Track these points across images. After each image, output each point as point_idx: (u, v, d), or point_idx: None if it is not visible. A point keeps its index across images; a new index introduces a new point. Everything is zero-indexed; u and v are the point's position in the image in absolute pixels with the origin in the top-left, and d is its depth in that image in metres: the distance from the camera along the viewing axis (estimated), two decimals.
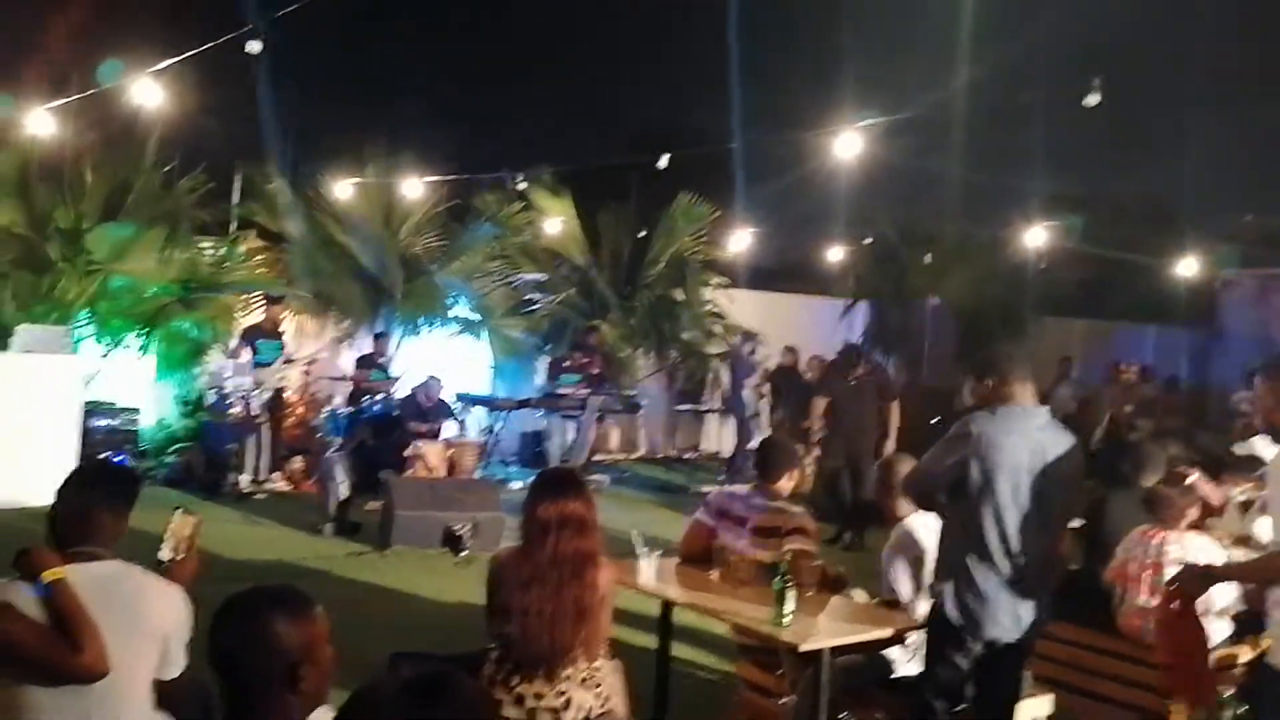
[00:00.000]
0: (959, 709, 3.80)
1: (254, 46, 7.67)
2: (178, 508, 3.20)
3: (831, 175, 11.58)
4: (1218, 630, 5.16)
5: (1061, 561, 3.91)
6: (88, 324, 10.44)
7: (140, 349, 10.65)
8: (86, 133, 10.45)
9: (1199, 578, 3.96)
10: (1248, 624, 4.70)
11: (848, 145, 8.55)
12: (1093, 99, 7.42)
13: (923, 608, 4.13)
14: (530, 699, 3.27)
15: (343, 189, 11.85)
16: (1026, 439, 3.70)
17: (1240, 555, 5.20)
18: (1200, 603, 5.02)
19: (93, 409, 9.75)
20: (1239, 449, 6.51)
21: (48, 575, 2.68)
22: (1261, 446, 6.13)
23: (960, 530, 3.73)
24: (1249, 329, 17.37)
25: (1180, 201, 18.72)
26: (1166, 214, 18.45)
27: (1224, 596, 5.08)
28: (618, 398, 12.06)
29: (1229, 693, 3.81)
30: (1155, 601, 4.95)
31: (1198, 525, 5.37)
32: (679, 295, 13.92)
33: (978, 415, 3.73)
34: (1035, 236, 13.74)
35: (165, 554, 3.09)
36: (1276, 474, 3.27)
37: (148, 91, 8.45)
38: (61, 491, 2.94)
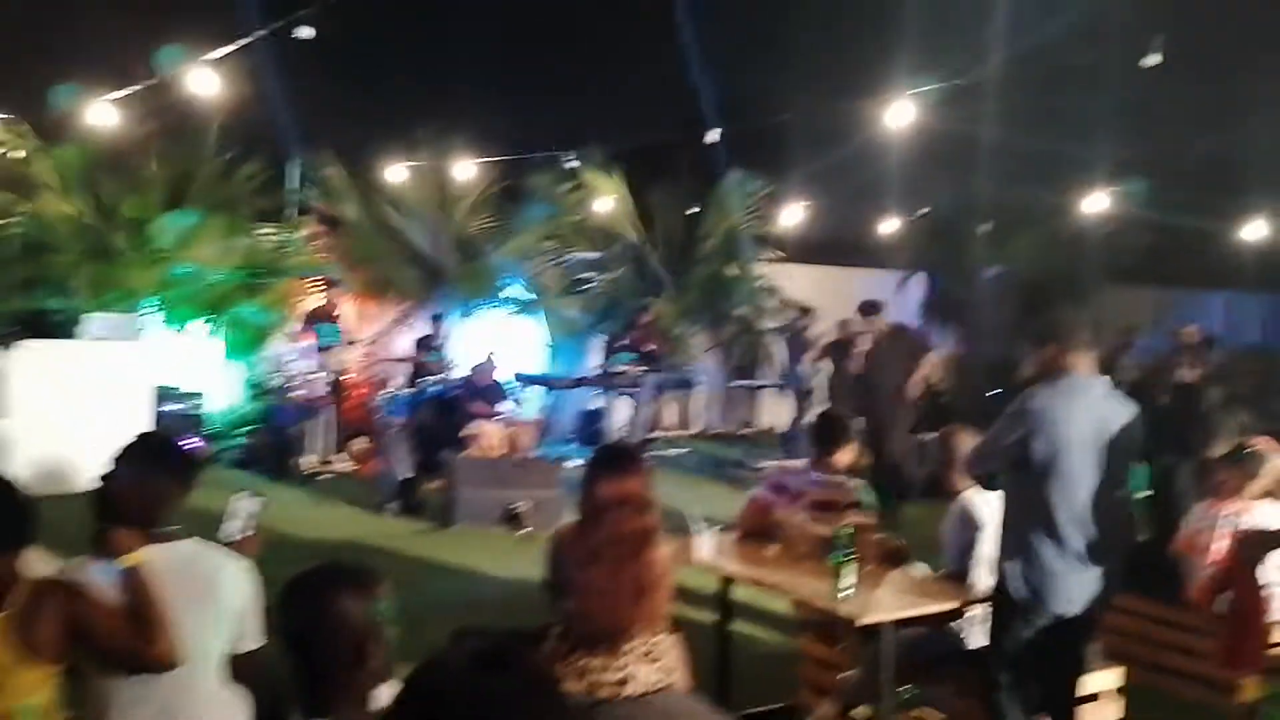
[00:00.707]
0: (1025, 682, 3.77)
1: (305, 32, 7.75)
2: (241, 489, 3.26)
3: (886, 145, 11.41)
4: None
5: (1128, 534, 3.83)
6: (155, 311, 10.68)
7: (207, 334, 10.87)
8: (147, 123, 10.64)
9: (1259, 542, 3.91)
10: None
11: (901, 114, 8.45)
12: (1152, 59, 7.24)
13: (983, 581, 4.09)
14: (592, 673, 3.30)
15: (397, 173, 11.95)
16: (1089, 411, 3.64)
17: None
18: (1274, 570, 4.94)
19: (162, 394, 9.96)
20: None
21: (126, 560, 2.71)
22: None
23: (1024, 505, 3.69)
24: None
25: (1248, 164, 18.18)
26: (1233, 177, 17.93)
27: None
28: (674, 375, 12.05)
29: None
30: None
31: (1273, 493, 5.25)
32: (732, 271, 13.84)
33: (1037, 390, 3.67)
34: (1098, 203, 13.45)
35: (228, 533, 3.15)
36: None
37: (205, 80, 8.58)
38: (124, 468, 2.89)
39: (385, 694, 2.21)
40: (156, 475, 2.92)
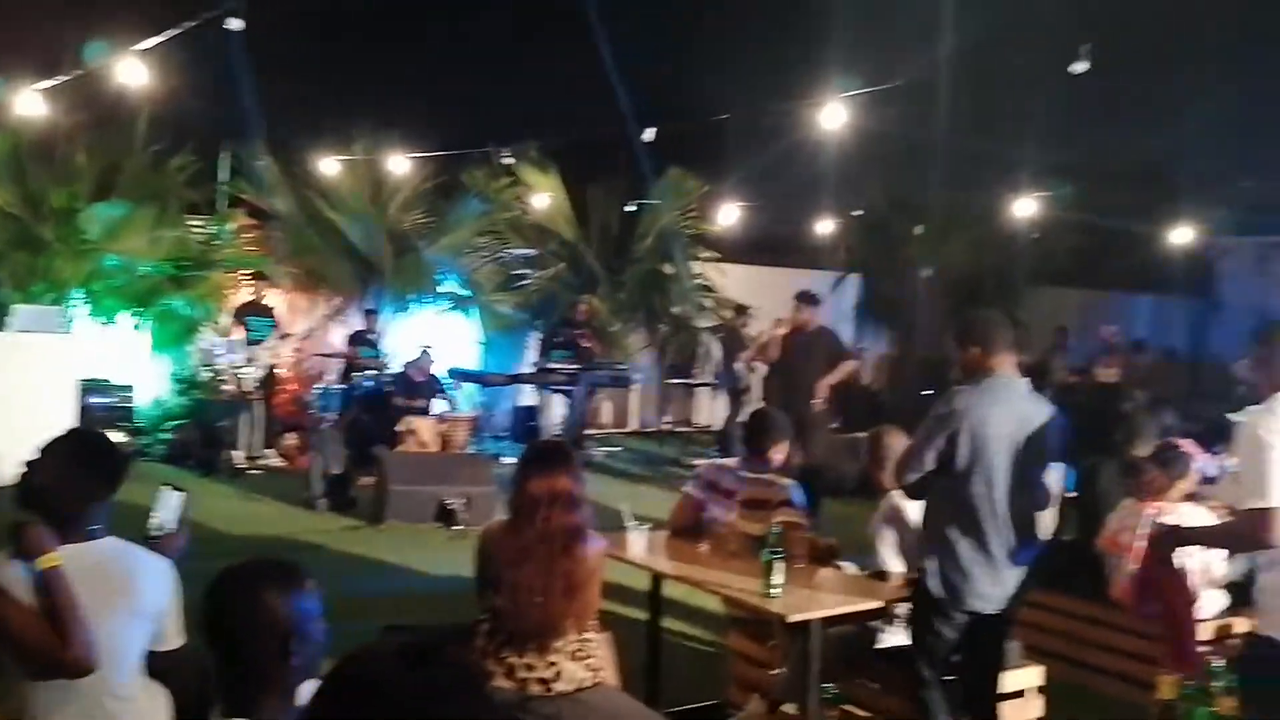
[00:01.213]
0: (949, 678, 3.84)
1: (234, 24, 7.63)
2: (166, 483, 3.20)
3: (821, 147, 11.54)
4: (1214, 601, 5.21)
5: (1043, 532, 3.92)
6: (83, 303, 10.45)
7: (134, 327, 10.66)
8: (76, 113, 10.42)
9: (1169, 537, 4.01)
10: (1245, 595, 4.72)
11: (836, 116, 8.54)
12: (1080, 66, 7.40)
13: (907, 579, 4.16)
14: (521, 670, 3.30)
15: (330, 166, 11.81)
16: (1011, 410, 3.71)
17: None
18: (1199, 573, 5.08)
19: (89, 387, 9.76)
20: (1235, 417, 6.48)
21: (43, 562, 2.65)
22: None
23: (944, 503, 3.75)
24: (1247, 297, 17.39)
25: (1176, 168, 18.65)
26: (1162, 181, 18.39)
27: (1220, 567, 5.13)
28: (609, 372, 12.06)
29: (1221, 663, 3.84)
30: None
31: (1193, 495, 5.40)
32: (669, 269, 13.89)
33: (961, 390, 3.73)
34: (1028, 206, 13.73)
35: (155, 526, 3.10)
36: (1243, 438, 3.28)
37: (134, 71, 8.41)
38: (46, 461, 2.83)
39: (311, 690, 2.19)
40: (82, 473, 2.86)
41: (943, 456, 3.69)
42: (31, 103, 9.22)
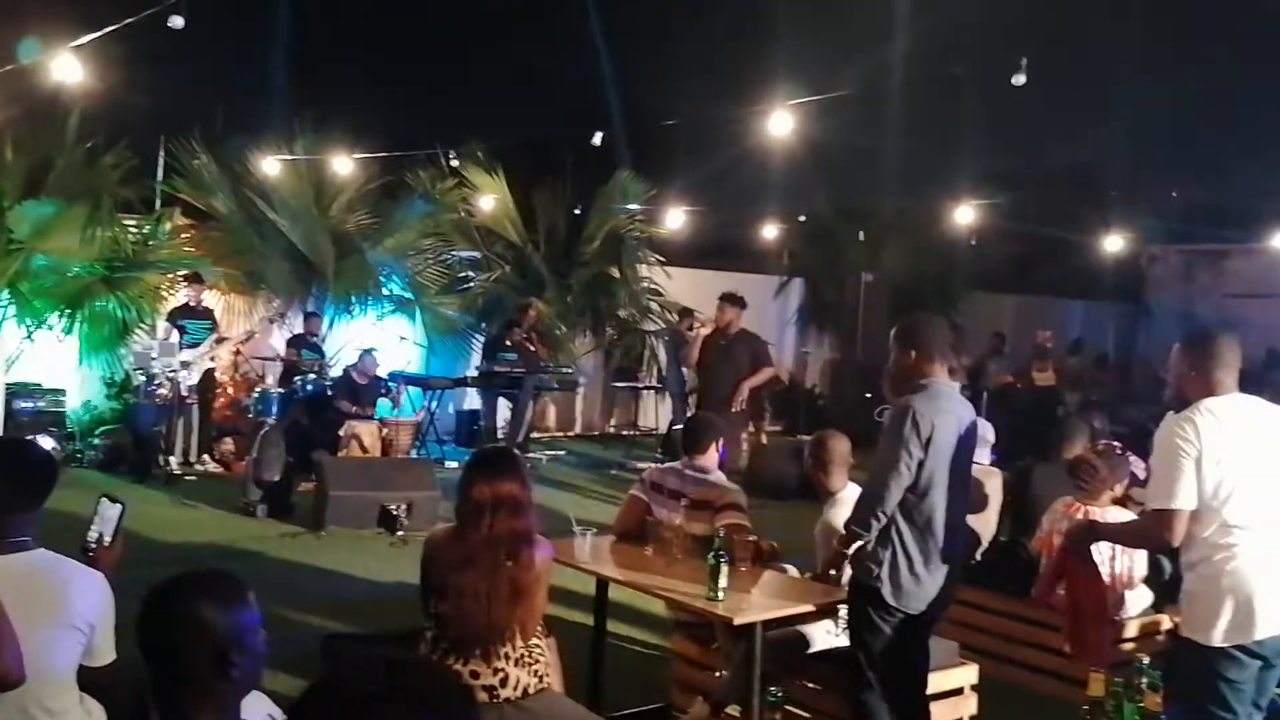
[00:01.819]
0: (888, 680, 3.88)
1: (177, 21, 7.48)
2: (104, 494, 3.14)
3: (766, 153, 11.63)
4: (1139, 599, 5.35)
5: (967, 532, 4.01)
6: (9, 304, 10.17)
7: (64, 330, 10.40)
8: (6, 108, 10.14)
9: (1085, 531, 4.14)
10: (1170, 593, 4.84)
11: (782, 122, 8.60)
12: (1019, 78, 7.54)
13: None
14: (466, 677, 3.28)
15: (271, 165, 11.63)
16: (953, 415, 3.77)
17: None
18: (1125, 572, 5.21)
19: (16, 391, 9.52)
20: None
21: None
22: None
23: (901, 507, 3.79)
24: (1175, 304, 17.86)
25: (1108, 177, 19.11)
26: (1095, 190, 18.83)
27: (1141, 566, 5.26)
28: (554, 375, 12.04)
29: (1146, 661, 3.94)
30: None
31: (1125, 498, 5.53)
32: (615, 273, 13.91)
33: (913, 399, 3.73)
34: (966, 213, 13.96)
35: (92, 538, 3.04)
36: (1159, 440, 3.38)
37: (69, 67, 8.20)
38: None
39: (253, 703, 2.16)
40: (6, 483, 2.80)
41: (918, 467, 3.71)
42: None
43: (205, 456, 10.18)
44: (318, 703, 1.46)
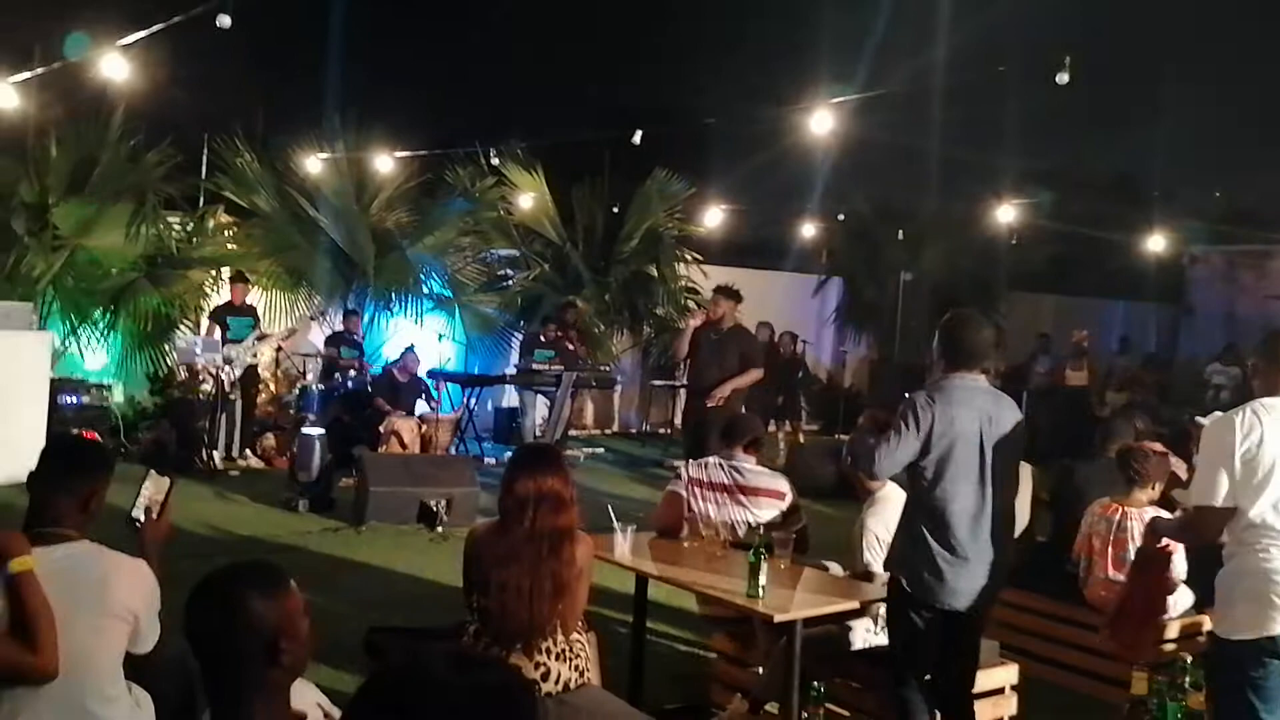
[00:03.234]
0: (928, 677, 3.86)
1: (224, 20, 7.55)
2: (150, 468, 3.17)
3: (806, 151, 11.60)
4: (1181, 599, 5.28)
5: (1012, 529, 3.97)
6: (54, 300, 10.34)
7: (108, 325, 10.56)
8: (52, 106, 10.30)
9: (1147, 533, 4.14)
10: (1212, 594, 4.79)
11: (821, 121, 8.57)
12: (1063, 77, 7.46)
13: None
14: None
15: (313, 163, 11.74)
16: (976, 411, 3.74)
17: None
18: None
19: (62, 385, 9.66)
20: (1201, 419, 6.59)
21: (16, 565, 2.63)
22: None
23: (916, 502, 3.79)
24: (1217, 305, 17.61)
25: (1150, 178, 18.90)
26: (1136, 190, 18.63)
27: (1183, 566, 5.20)
28: (593, 373, 12.06)
29: (1190, 660, 3.89)
30: (1119, 575, 5.07)
31: (1165, 496, 5.47)
32: (653, 271, 13.92)
33: (922, 395, 3.76)
34: (1007, 212, 13.85)
35: (138, 513, 3.07)
36: (1207, 436, 3.37)
37: (115, 65, 8.32)
38: (32, 472, 2.90)
39: (301, 689, 2.18)
40: (59, 480, 2.86)
41: (915, 458, 3.72)
42: (4, 95, 9.12)
43: (247, 451, 10.29)
44: (385, 692, 1.48)
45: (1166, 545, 4.59)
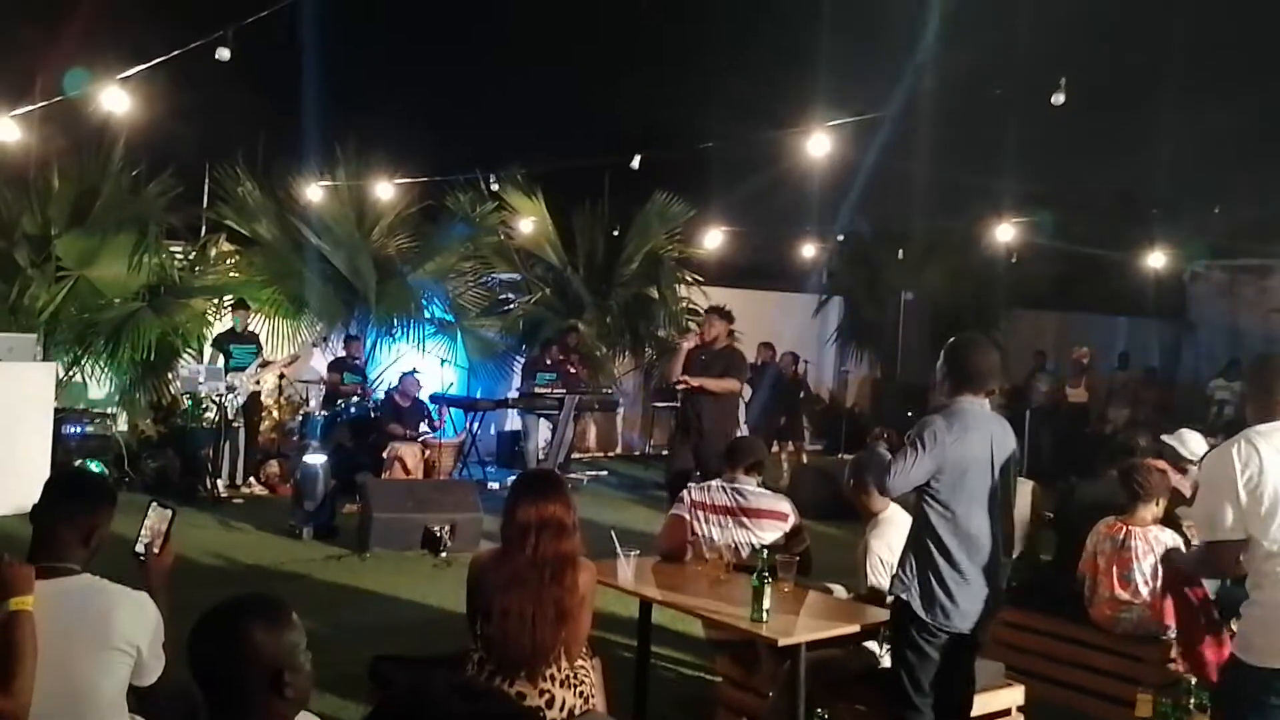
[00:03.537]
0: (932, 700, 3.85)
1: (223, 54, 7.62)
2: (152, 500, 3.18)
3: (805, 173, 11.64)
4: None
5: (1008, 550, 3.99)
6: (58, 330, 10.37)
7: (111, 355, 10.58)
8: (54, 139, 10.38)
9: (1165, 565, 4.13)
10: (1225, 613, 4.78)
11: (820, 144, 8.60)
12: (1059, 97, 7.51)
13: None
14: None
15: (314, 191, 11.80)
16: (982, 433, 3.76)
17: None
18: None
19: (65, 416, 9.67)
20: (1166, 438, 6.50)
21: (15, 603, 2.61)
22: (1190, 439, 6.18)
23: (925, 524, 3.80)
24: (1218, 321, 17.61)
25: (1149, 195, 18.93)
26: (1136, 208, 18.67)
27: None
28: (595, 396, 12.07)
29: (1194, 681, 3.89)
30: (1124, 594, 5.07)
31: (1169, 512, 5.45)
32: (654, 293, 13.96)
33: (935, 419, 3.78)
34: (1007, 232, 13.89)
35: (141, 548, 3.07)
36: (1208, 467, 3.36)
37: (115, 98, 8.38)
38: (35, 504, 2.90)
39: None
40: (59, 513, 2.86)
41: (928, 479, 3.74)
42: (6, 128, 9.19)
43: (251, 479, 10.29)
44: (399, 711, 1.49)
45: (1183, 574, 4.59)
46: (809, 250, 15.29)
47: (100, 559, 2.92)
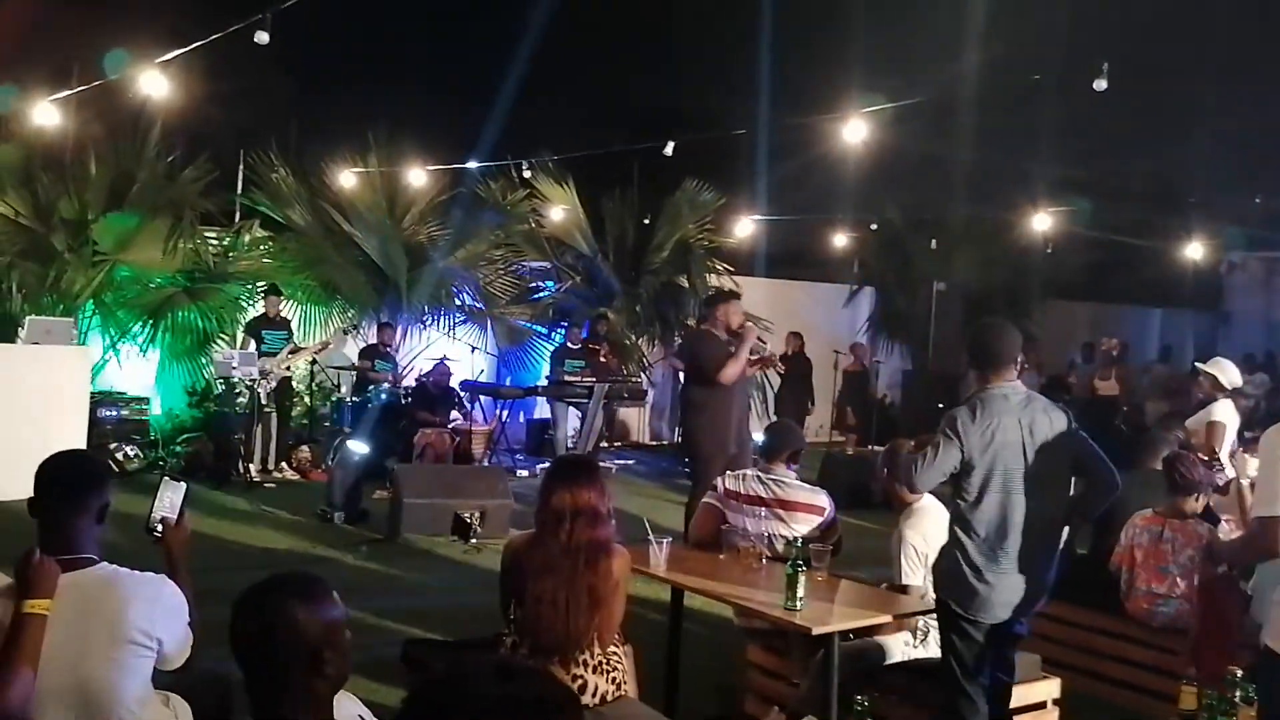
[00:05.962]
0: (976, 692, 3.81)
1: (262, 37, 7.63)
2: (164, 475, 3.15)
3: (837, 161, 11.55)
4: None
5: (1058, 539, 3.92)
6: (94, 315, 10.47)
7: (146, 339, 10.68)
8: (90, 123, 10.46)
9: (1205, 559, 4.06)
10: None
11: (853, 131, 8.53)
12: (1100, 84, 7.39)
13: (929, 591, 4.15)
14: None
15: (347, 178, 11.85)
16: (1016, 419, 3.70)
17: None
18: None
19: (101, 399, 9.77)
20: (1204, 365, 6.79)
21: (30, 605, 2.58)
22: (1229, 368, 6.39)
23: (960, 517, 3.75)
24: (1255, 311, 17.38)
25: (1186, 185, 18.67)
26: (1173, 197, 18.42)
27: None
28: (624, 384, 12.06)
29: (1240, 674, 3.81)
30: (1160, 587, 5.01)
31: (1206, 508, 5.38)
32: (684, 282, 13.92)
33: (959, 410, 3.74)
34: (1041, 220, 13.73)
35: (156, 519, 3.05)
36: (1264, 445, 3.29)
37: (153, 82, 8.43)
38: (33, 497, 2.80)
39: (343, 701, 2.18)
40: (63, 502, 2.78)
41: (955, 471, 3.69)
42: (46, 113, 9.27)
43: (283, 464, 10.37)
44: (432, 702, 1.47)
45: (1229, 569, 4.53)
46: (841, 239, 15.19)
47: (124, 540, 2.85)
